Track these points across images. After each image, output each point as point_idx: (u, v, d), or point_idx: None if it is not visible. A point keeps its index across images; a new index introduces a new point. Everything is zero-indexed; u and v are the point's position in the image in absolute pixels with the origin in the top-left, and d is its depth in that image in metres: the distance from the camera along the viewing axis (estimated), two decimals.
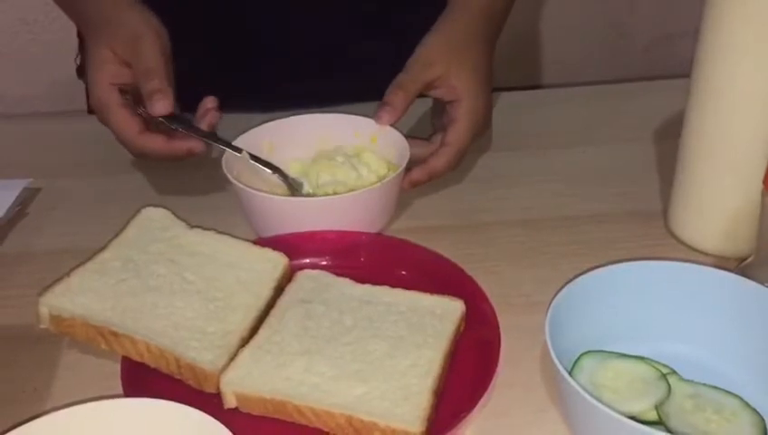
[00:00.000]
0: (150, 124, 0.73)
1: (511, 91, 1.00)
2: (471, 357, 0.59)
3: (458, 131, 0.73)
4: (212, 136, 0.74)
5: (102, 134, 0.75)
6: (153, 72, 0.71)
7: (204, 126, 0.74)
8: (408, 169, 0.73)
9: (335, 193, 0.72)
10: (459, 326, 0.60)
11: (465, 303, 0.61)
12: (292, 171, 0.76)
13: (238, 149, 0.72)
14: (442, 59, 0.74)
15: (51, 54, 1.28)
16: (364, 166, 0.75)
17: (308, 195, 0.73)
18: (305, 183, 0.74)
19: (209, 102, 0.74)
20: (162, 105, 0.71)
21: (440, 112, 0.77)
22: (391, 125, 0.75)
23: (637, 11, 1.76)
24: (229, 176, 0.70)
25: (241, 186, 0.69)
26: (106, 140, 0.75)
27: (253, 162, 0.72)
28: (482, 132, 0.76)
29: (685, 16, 0.69)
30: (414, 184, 0.73)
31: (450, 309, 0.61)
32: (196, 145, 0.72)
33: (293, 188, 0.73)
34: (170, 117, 0.72)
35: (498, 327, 0.59)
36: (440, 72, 0.74)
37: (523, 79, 1.59)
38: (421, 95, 0.76)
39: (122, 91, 0.73)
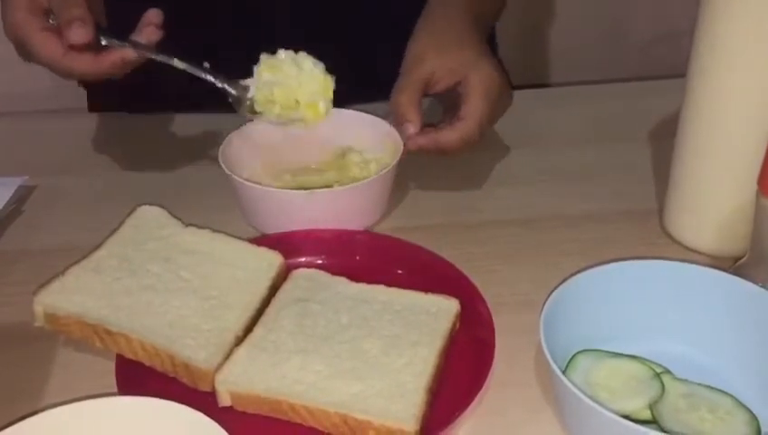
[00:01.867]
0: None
1: None
2: (466, 356, 0.59)
3: (471, 104, 0.72)
4: (149, 49, 0.72)
5: (99, 132, 0.75)
6: (69, 2, 0.69)
7: (143, 39, 0.71)
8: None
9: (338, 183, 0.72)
10: (454, 325, 0.60)
11: (461, 302, 0.62)
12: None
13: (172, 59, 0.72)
14: (431, 52, 0.75)
15: None
16: (307, 61, 0.75)
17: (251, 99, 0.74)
18: (251, 86, 0.74)
19: (153, 16, 0.72)
20: (82, 33, 0.68)
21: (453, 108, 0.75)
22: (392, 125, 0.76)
23: (634, 11, 1.76)
24: (224, 167, 0.70)
25: (236, 177, 0.70)
26: (102, 138, 0.75)
27: (185, 65, 0.72)
28: (499, 102, 0.75)
29: (681, 16, 0.69)
30: (417, 146, 0.73)
31: (445, 308, 0.61)
32: (126, 53, 0.70)
33: (238, 92, 0.74)
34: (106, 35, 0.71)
35: (493, 326, 0.59)
36: (434, 64, 0.74)
37: (521, 78, 1.59)
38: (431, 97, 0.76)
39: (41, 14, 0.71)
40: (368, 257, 0.69)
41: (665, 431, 0.51)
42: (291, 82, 0.72)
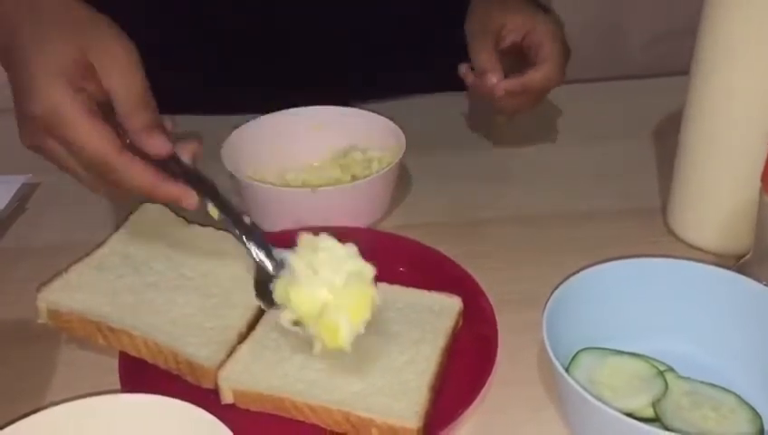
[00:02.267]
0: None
1: None
2: (469, 353, 0.59)
3: (548, 47, 0.77)
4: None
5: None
6: (146, 101, 0.56)
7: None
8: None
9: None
10: (457, 323, 0.60)
11: (463, 299, 0.61)
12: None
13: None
14: (496, 11, 0.80)
15: None
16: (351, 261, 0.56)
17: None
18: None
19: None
20: (164, 143, 0.55)
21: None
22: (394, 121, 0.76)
23: (636, 8, 1.76)
24: (227, 166, 0.70)
25: (239, 176, 0.71)
26: None
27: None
28: (566, 54, 0.79)
29: (683, 14, 0.69)
30: (504, 90, 0.76)
31: (448, 306, 0.61)
32: (189, 198, 0.56)
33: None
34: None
35: (496, 324, 0.59)
36: (501, 20, 0.78)
37: None
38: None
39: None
40: (370, 255, 0.68)
41: (668, 429, 0.51)
42: (316, 286, 0.52)
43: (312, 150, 0.78)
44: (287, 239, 0.67)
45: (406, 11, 0.95)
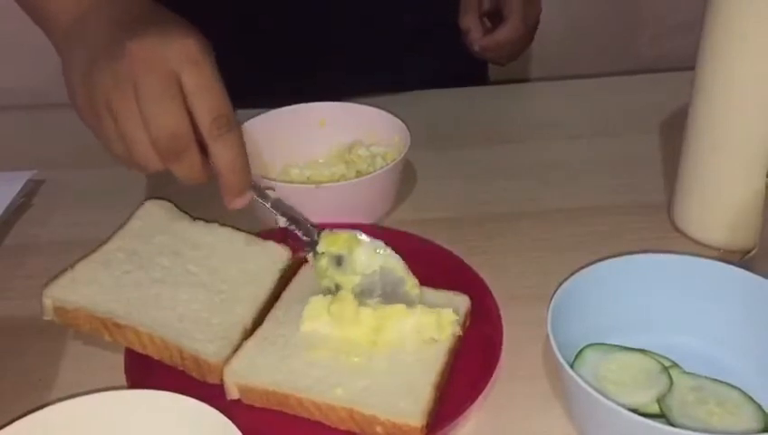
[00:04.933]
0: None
1: (518, 84, 1.00)
2: (474, 350, 0.59)
3: (512, 5, 0.92)
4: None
5: None
6: (236, 127, 0.59)
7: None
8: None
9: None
10: (464, 322, 0.60)
11: (469, 295, 0.61)
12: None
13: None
14: None
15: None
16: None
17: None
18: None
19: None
20: (245, 201, 0.61)
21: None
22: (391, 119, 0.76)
23: (644, 2, 1.76)
24: None
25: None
26: None
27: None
28: (532, 4, 0.94)
29: (695, 7, 0.69)
30: (481, 47, 0.93)
31: (455, 304, 0.61)
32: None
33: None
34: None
35: (501, 321, 0.59)
36: None
37: (531, 70, 1.59)
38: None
39: None
40: None
41: (673, 425, 0.51)
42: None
43: (317, 146, 0.78)
44: (293, 235, 0.68)
45: (411, 4, 0.95)
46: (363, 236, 0.62)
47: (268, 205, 0.64)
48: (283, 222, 0.64)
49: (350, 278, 0.60)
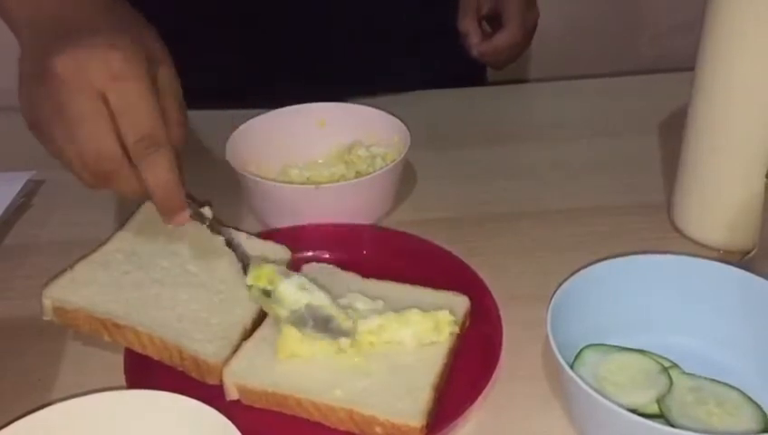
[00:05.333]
0: None
1: (518, 84, 1.00)
2: (473, 351, 0.59)
3: (511, 11, 0.94)
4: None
5: None
6: (163, 146, 0.55)
7: None
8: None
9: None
10: (464, 322, 0.60)
11: (469, 295, 0.61)
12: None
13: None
14: None
15: None
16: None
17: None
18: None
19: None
20: (181, 220, 0.59)
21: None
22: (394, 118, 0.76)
23: (644, 2, 1.76)
24: (231, 162, 0.70)
25: (243, 172, 0.70)
26: None
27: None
28: (530, 11, 0.96)
29: (696, 7, 0.69)
30: (479, 52, 0.95)
31: (455, 305, 0.61)
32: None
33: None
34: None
35: (500, 321, 0.59)
36: None
37: (530, 71, 1.59)
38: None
39: None
40: (375, 252, 0.69)
41: (672, 425, 0.51)
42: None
43: (316, 147, 0.78)
44: (291, 236, 0.68)
45: (410, 5, 0.95)
46: (288, 273, 0.60)
47: (205, 225, 0.63)
48: (221, 242, 0.64)
49: (278, 310, 0.59)
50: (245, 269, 0.61)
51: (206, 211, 0.65)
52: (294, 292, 0.59)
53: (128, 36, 0.56)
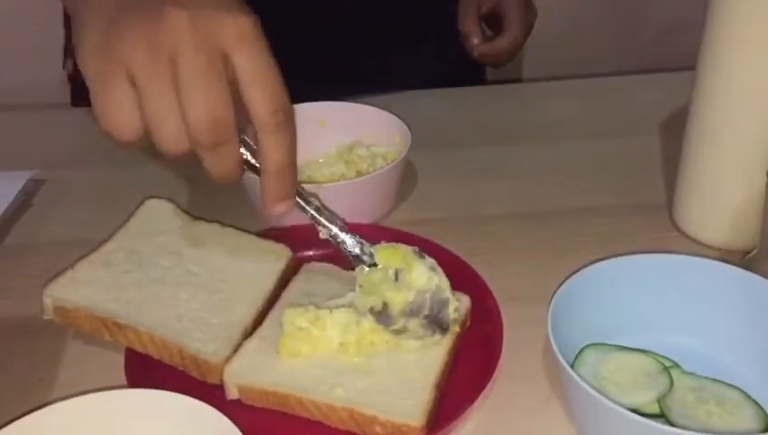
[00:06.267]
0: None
1: (518, 84, 1.00)
2: (474, 350, 0.59)
3: (512, 15, 0.95)
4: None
5: None
6: (294, 124, 0.51)
7: None
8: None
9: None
10: (465, 322, 0.60)
11: (469, 295, 0.61)
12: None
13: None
14: None
15: (56, 47, 1.29)
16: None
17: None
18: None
19: None
20: (287, 208, 0.54)
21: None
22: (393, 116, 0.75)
23: (644, 2, 1.76)
24: None
25: (248, 174, 0.70)
26: None
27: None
28: (529, 13, 0.99)
29: (696, 6, 0.69)
30: (480, 53, 0.96)
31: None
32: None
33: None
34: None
35: (501, 321, 0.59)
36: None
37: (530, 70, 1.59)
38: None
39: None
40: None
41: (673, 425, 0.51)
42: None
43: (317, 146, 0.78)
44: (291, 236, 0.68)
45: (410, 5, 0.95)
46: (420, 253, 0.58)
47: (309, 214, 0.58)
48: (324, 234, 0.59)
49: (403, 295, 0.57)
50: (365, 252, 0.58)
51: (314, 201, 0.59)
52: (428, 271, 0.57)
53: (245, 6, 0.51)
